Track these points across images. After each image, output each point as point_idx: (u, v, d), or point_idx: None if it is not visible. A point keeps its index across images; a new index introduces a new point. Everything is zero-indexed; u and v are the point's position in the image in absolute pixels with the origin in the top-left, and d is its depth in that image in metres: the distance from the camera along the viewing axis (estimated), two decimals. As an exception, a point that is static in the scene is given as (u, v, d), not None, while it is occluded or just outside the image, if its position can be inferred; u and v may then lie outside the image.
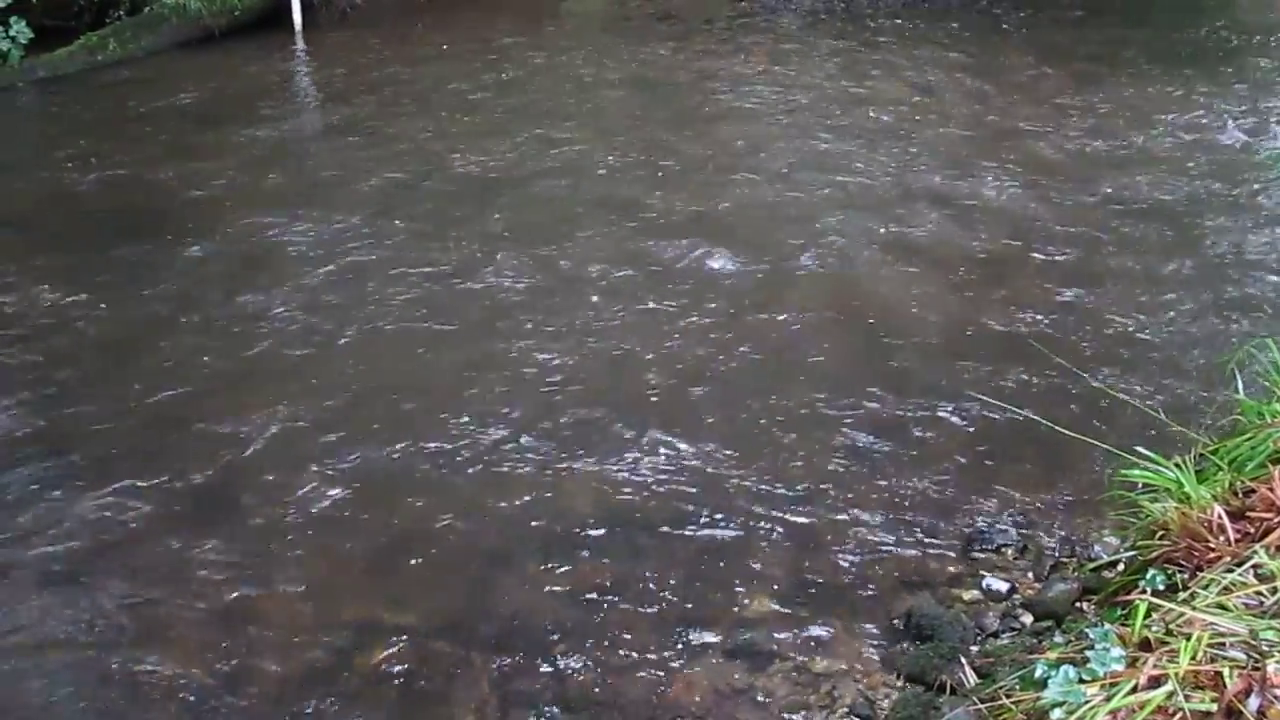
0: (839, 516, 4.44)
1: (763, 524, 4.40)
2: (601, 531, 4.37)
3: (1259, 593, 2.72)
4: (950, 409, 5.12)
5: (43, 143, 9.25)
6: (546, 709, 3.56)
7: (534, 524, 4.41)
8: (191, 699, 3.63)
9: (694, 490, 4.60)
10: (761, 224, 7.12)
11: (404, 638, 3.85)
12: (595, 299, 6.18)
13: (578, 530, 4.38)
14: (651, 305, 6.10)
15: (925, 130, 8.83)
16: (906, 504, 4.51)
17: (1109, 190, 7.59)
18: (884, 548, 4.27)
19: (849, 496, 4.56)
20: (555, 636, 3.85)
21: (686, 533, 4.35)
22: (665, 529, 4.37)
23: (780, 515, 4.45)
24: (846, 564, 4.19)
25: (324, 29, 12.18)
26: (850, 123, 9.03)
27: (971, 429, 4.98)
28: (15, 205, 7.69)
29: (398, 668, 3.73)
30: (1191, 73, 10.14)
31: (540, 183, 7.87)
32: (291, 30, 11.86)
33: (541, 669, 3.72)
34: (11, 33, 10.26)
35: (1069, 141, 8.53)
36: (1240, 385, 3.85)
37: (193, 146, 8.65)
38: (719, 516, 4.44)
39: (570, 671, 3.70)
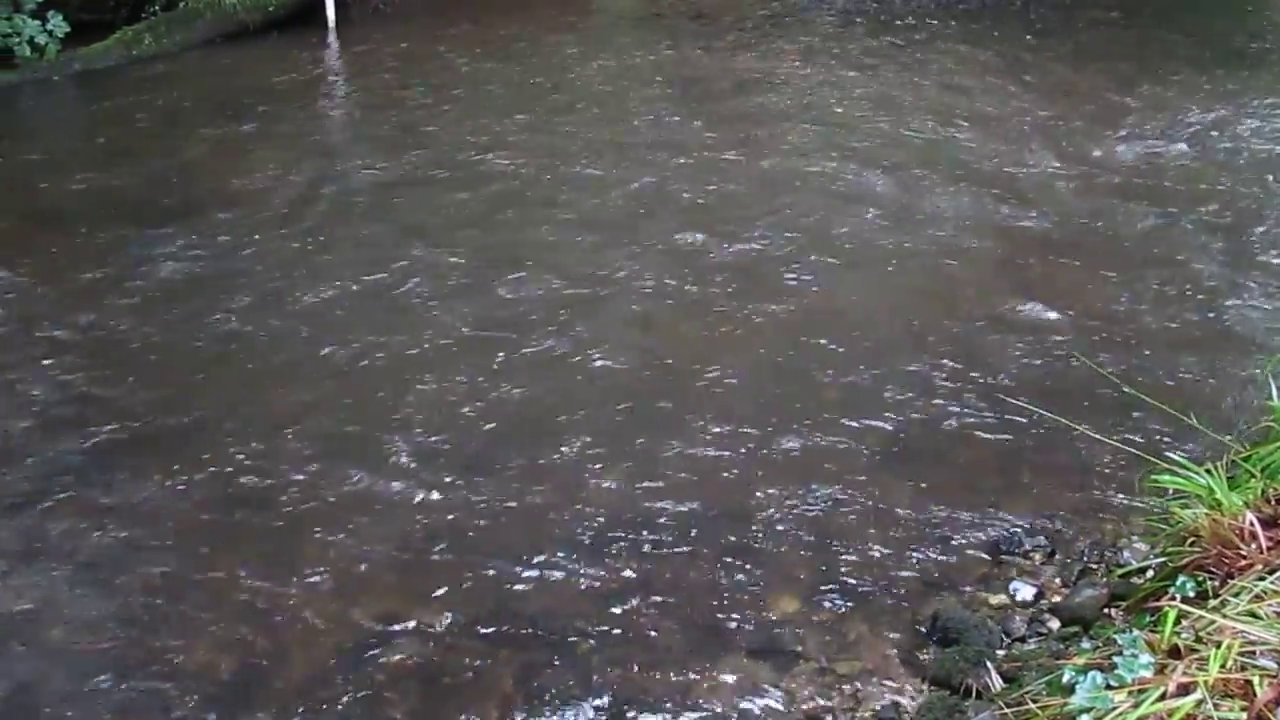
0: (865, 518, 4.42)
1: (788, 524, 4.39)
2: (627, 530, 4.36)
3: (1291, 601, 2.70)
4: (978, 410, 5.09)
5: (79, 136, 9.37)
6: (570, 706, 3.56)
7: (558, 521, 4.42)
8: (215, 690, 3.65)
9: (719, 488, 4.60)
10: (789, 220, 7.10)
11: (428, 634, 3.86)
12: (618, 294, 6.19)
13: (603, 528, 4.38)
14: (674, 301, 6.11)
15: (957, 130, 8.78)
16: (934, 506, 4.48)
17: (1142, 192, 7.53)
18: (911, 550, 4.24)
19: (875, 497, 4.54)
20: (579, 634, 3.85)
21: (711, 531, 4.35)
22: (690, 528, 4.37)
23: (806, 515, 4.44)
24: (872, 566, 4.17)
25: (357, 25, 12.23)
26: (881, 122, 8.99)
27: (1000, 431, 4.95)
28: (51, 197, 7.76)
29: (422, 663, 3.74)
30: (1226, 74, 10.04)
31: (570, 179, 7.88)
32: (325, 26, 11.94)
33: (565, 666, 3.72)
34: (49, 26, 10.38)
35: (1102, 142, 8.46)
36: (1274, 391, 3.81)
37: (226, 140, 8.73)
38: (744, 516, 4.44)
39: (594, 669, 3.70)
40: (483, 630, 3.88)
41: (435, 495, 4.59)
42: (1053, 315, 5.92)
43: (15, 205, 7.61)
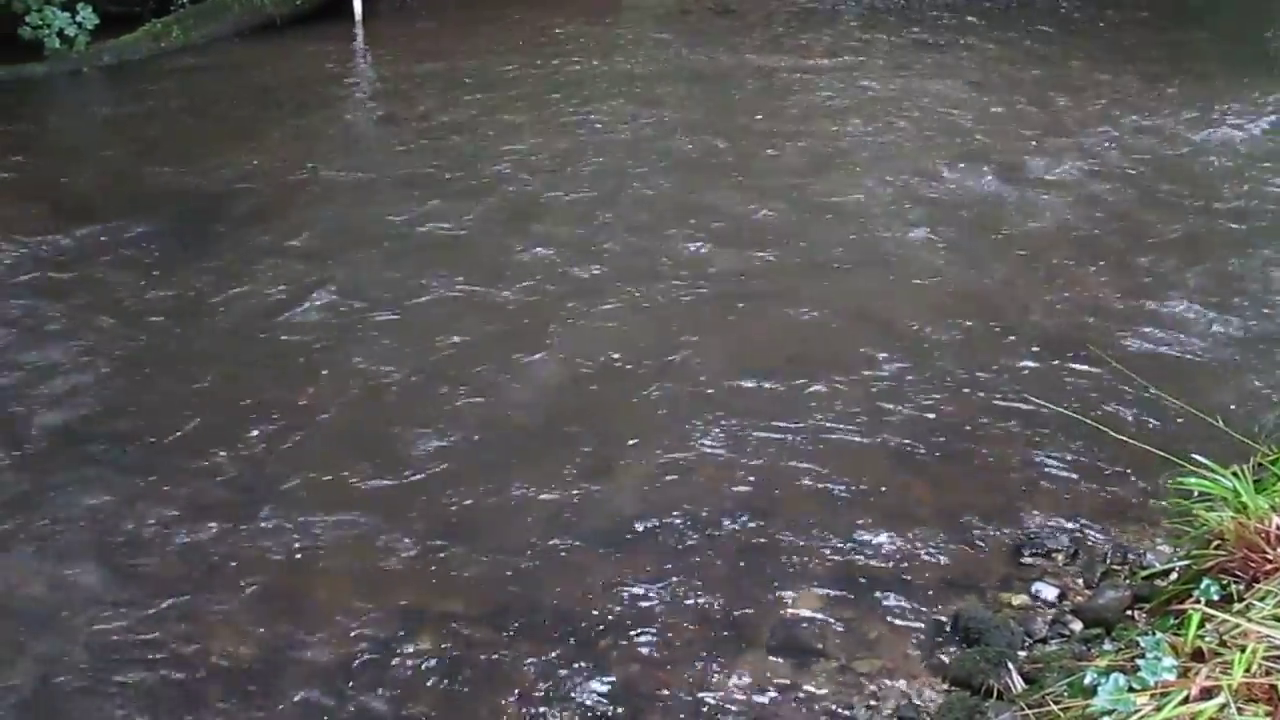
0: (888, 516, 4.41)
1: (811, 521, 4.38)
2: (648, 525, 4.37)
3: (1316, 606, 2.68)
4: (1003, 411, 5.07)
5: (108, 127, 9.42)
6: (589, 700, 3.57)
7: (580, 516, 4.42)
8: (238, 678, 3.67)
9: (741, 485, 4.60)
10: (815, 218, 7.09)
11: (449, 626, 3.87)
12: (641, 290, 6.19)
13: (624, 523, 4.38)
14: (696, 299, 6.11)
15: (984, 128, 8.74)
16: (956, 506, 4.47)
17: (1171, 192, 7.48)
18: (933, 549, 4.23)
19: (898, 496, 4.53)
20: (600, 628, 3.86)
21: (733, 528, 4.35)
22: (711, 524, 4.37)
23: (827, 512, 4.43)
24: (894, 565, 4.16)
25: (384, 19, 12.28)
26: (908, 119, 8.97)
27: (1025, 431, 4.93)
28: (81, 187, 7.83)
29: (442, 655, 3.75)
30: (1258, 75, 9.96)
31: (597, 175, 7.89)
32: (351, 20, 11.99)
33: (585, 660, 3.72)
34: (78, 18, 10.44)
35: (1130, 142, 8.41)
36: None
37: (253, 133, 8.78)
38: (766, 512, 4.43)
39: (614, 663, 3.71)
40: (503, 623, 3.89)
41: (457, 486, 4.60)
42: (1078, 315, 5.89)
43: (44, 195, 7.66)
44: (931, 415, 5.06)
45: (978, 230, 6.96)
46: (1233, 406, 4.92)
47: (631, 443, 4.87)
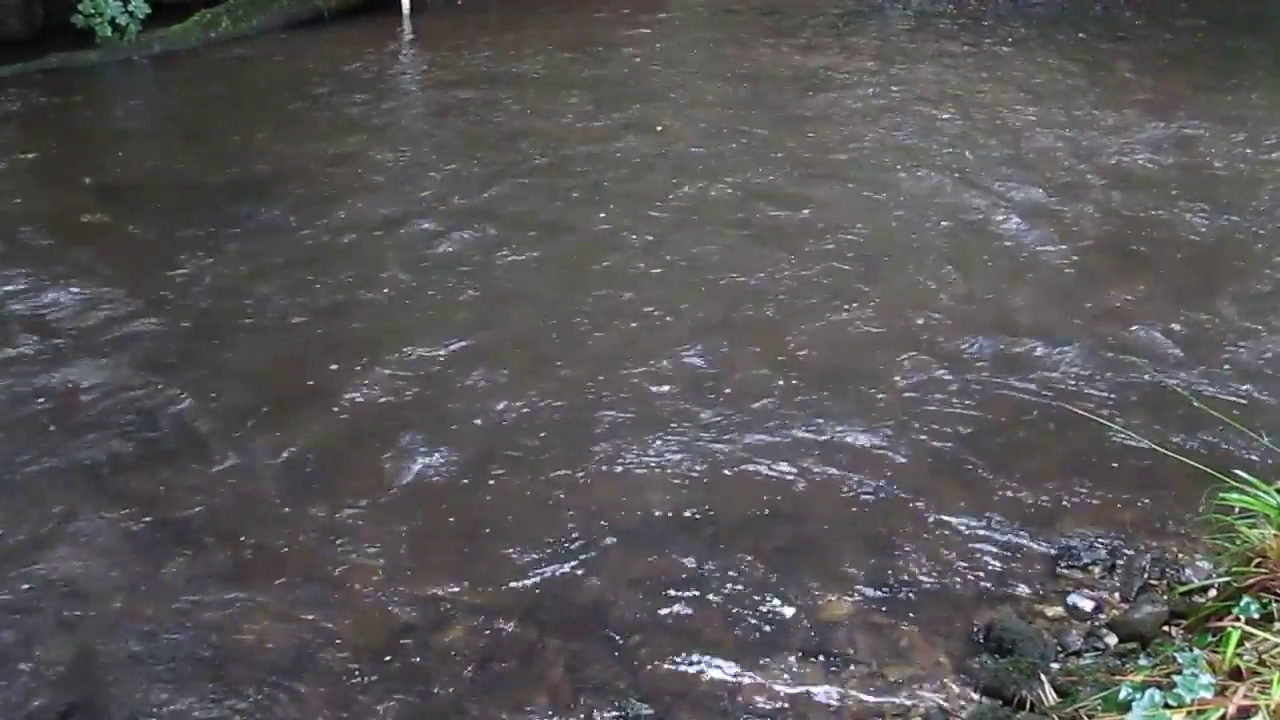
0: (923, 523, 4.38)
1: (843, 526, 4.36)
2: (681, 525, 4.36)
3: (1359, 627, 2.64)
4: (1042, 420, 5.02)
5: (157, 115, 9.57)
6: (618, 697, 3.57)
7: (613, 514, 4.42)
8: (272, 662, 3.70)
9: (775, 487, 4.58)
10: (855, 222, 7.05)
11: (481, 619, 3.89)
12: (679, 288, 6.19)
13: (657, 522, 4.38)
14: (730, 300, 6.10)
15: (1030, 136, 8.66)
16: (993, 514, 4.43)
17: (1219, 204, 7.37)
18: (968, 557, 4.20)
19: (934, 503, 4.50)
20: (631, 626, 3.85)
21: (766, 530, 4.34)
22: (745, 525, 4.36)
23: (861, 518, 4.41)
24: (928, 572, 4.13)
25: (431, 14, 12.36)
26: (952, 126, 8.91)
27: (1064, 442, 4.88)
28: (129, 175, 7.93)
29: (473, 647, 3.77)
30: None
31: (636, 172, 7.91)
32: (399, 14, 12.08)
33: (615, 658, 3.73)
34: (130, 7, 10.59)
35: (1182, 153, 8.29)
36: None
37: (300, 124, 8.87)
38: (800, 515, 4.42)
39: (644, 662, 3.71)
40: (534, 619, 3.89)
41: (490, 481, 4.62)
42: (1119, 326, 5.82)
43: (95, 180, 7.77)
44: (968, 423, 5.02)
45: (1021, 242, 6.88)
46: (1277, 422, 4.85)
47: (665, 443, 4.86)
